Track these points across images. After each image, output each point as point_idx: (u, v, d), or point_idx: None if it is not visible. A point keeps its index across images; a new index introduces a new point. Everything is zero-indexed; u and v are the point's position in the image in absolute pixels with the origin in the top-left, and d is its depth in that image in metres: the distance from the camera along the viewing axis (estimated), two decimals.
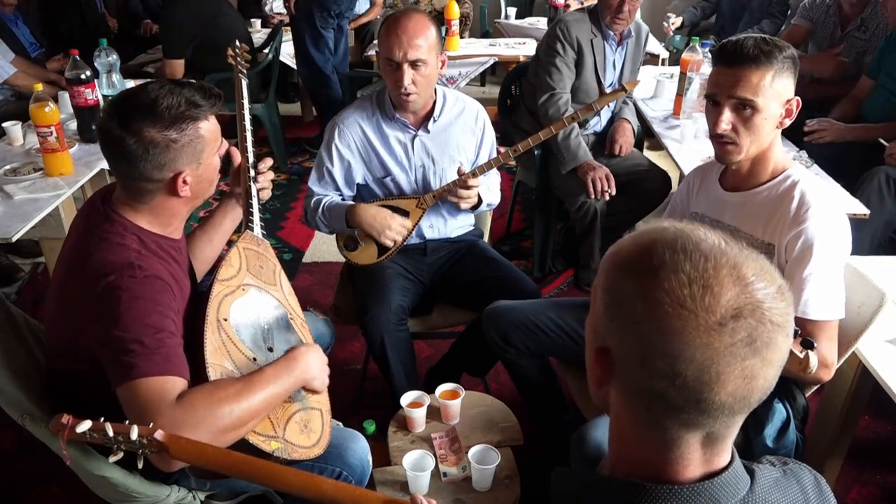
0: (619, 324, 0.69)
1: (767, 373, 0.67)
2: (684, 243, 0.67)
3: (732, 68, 1.45)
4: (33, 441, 1.34)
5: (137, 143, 1.25)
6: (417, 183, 2.11)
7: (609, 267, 0.73)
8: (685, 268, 0.65)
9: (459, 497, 1.60)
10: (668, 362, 0.65)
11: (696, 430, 0.69)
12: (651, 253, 0.68)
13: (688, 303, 0.64)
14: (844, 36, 3.33)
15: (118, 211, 1.34)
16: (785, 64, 1.44)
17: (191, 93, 1.30)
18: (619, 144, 2.88)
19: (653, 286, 0.66)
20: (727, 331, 0.64)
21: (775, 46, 1.44)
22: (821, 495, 0.81)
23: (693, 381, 0.65)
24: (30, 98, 2.30)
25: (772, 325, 0.65)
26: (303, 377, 1.34)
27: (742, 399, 0.67)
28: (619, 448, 0.76)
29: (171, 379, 1.18)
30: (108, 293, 1.21)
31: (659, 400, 0.67)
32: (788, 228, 1.48)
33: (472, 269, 2.14)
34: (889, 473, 2.13)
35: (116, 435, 1.07)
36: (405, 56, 1.87)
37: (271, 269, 1.57)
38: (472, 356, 2.23)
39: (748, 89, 1.44)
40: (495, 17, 5.39)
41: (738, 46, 1.45)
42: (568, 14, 2.88)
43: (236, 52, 1.84)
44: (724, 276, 0.65)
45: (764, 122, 1.47)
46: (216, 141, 1.37)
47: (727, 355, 0.64)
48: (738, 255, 0.67)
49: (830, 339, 1.48)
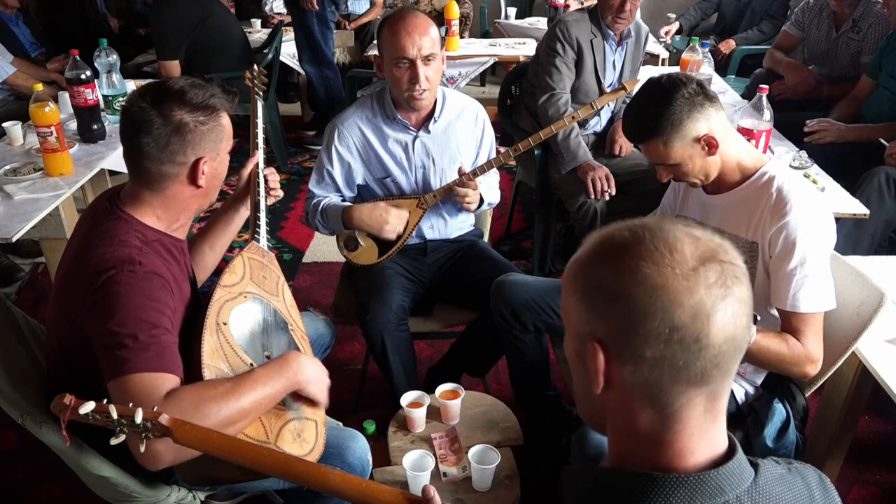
0: (604, 307, 0.73)
1: (742, 312, 0.72)
2: (631, 225, 0.75)
3: (640, 145, 1.58)
4: (33, 441, 1.34)
5: (167, 122, 1.31)
6: (417, 183, 2.11)
7: (575, 271, 0.77)
8: (645, 238, 0.72)
9: (459, 497, 1.60)
10: (662, 317, 0.69)
11: (701, 385, 0.71)
12: (609, 240, 0.75)
13: (661, 260, 0.70)
14: (839, 37, 3.33)
15: (124, 208, 1.35)
16: (672, 120, 1.47)
17: (212, 88, 1.38)
18: (619, 144, 2.88)
19: (625, 258, 0.72)
20: (702, 273, 0.70)
21: (655, 115, 1.48)
22: (826, 493, 0.81)
23: (690, 329, 0.69)
24: (30, 98, 2.31)
25: (731, 265, 0.72)
26: (295, 379, 1.31)
27: (732, 339, 0.71)
28: (623, 443, 0.77)
29: (162, 376, 1.18)
30: (107, 288, 1.21)
31: (662, 363, 0.70)
32: (770, 224, 1.48)
33: (472, 269, 2.14)
34: (889, 473, 2.13)
35: (120, 417, 1.03)
36: (420, 52, 1.87)
37: (274, 280, 1.58)
38: (472, 356, 2.23)
39: (654, 158, 1.56)
40: (495, 17, 5.39)
41: (624, 127, 1.60)
42: (568, 14, 2.88)
43: (254, 75, 1.86)
44: (678, 237, 0.72)
45: (691, 167, 1.54)
46: (230, 138, 1.44)
47: (711, 295, 0.69)
48: (675, 223, 0.74)
49: (816, 333, 1.48)
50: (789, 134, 2.72)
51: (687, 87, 1.48)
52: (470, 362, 2.25)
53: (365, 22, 5.11)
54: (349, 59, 5.03)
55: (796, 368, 1.48)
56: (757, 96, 2.25)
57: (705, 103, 1.49)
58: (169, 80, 1.37)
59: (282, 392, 1.29)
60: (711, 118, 1.49)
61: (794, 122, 2.85)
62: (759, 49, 4.28)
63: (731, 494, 0.72)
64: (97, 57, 2.88)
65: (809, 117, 2.88)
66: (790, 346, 1.46)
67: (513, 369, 2.06)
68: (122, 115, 1.36)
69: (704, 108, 1.48)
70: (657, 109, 1.48)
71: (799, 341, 1.47)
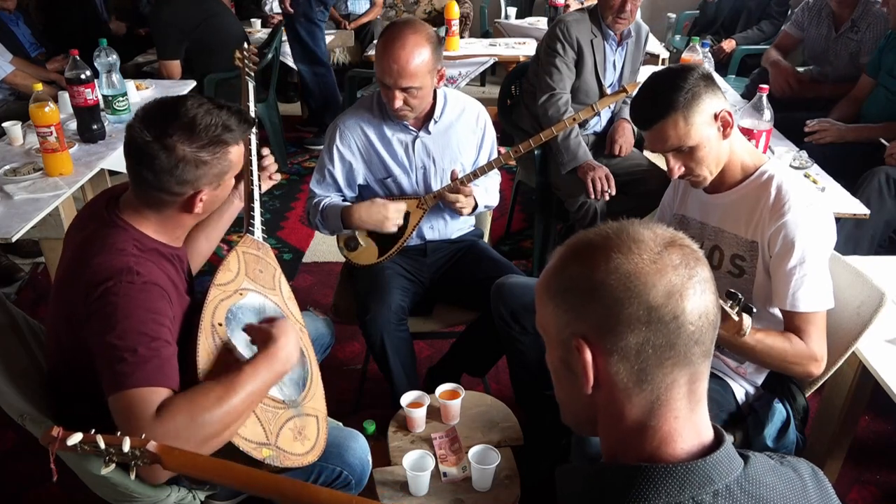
0: (581, 304, 0.75)
1: (709, 290, 0.76)
2: (592, 230, 0.79)
3: (649, 131, 1.50)
4: (33, 441, 1.33)
5: (169, 157, 1.25)
6: (418, 184, 2.11)
7: (545, 284, 0.80)
8: (610, 235, 0.76)
9: (459, 497, 1.60)
10: (639, 303, 0.72)
11: (682, 368, 0.74)
12: (577, 245, 0.79)
13: (627, 250, 0.74)
14: (838, 37, 3.33)
15: (123, 216, 1.34)
16: (691, 93, 1.45)
17: (227, 116, 1.30)
18: (618, 144, 2.88)
19: (595, 256, 0.75)
20: (667, 256, 0.74)
21: (672, 88, 1.45)
22: (819, 484, 0.81)
23: (666, 308, 0.72)
24: (30, 98, 2.31)
25: (690, 249, 0.76)
26: (284, 369, 1.31)
27: (706, 316, 0.74)
28: (613, 437, 0.78)
29: (158, 390, 1.17)
30: (106, 299, 1.20)
31: (645, 348, 0.73)
32: (769, 223, 1.48)
33: (472, 269, 2.14)
34: (889, 473, 2.13)
35: (108, 447, 1.04)
36: (397, 83, 1.87)
37: (271, 273, 1.57)
38: (472, 356, 2.23)
39: (672, 140, 1.48)
40: (495, 17, 5.39)
41: (639, 112, 1.52)
42: (568, 14, 2.88)
43: (244, 55, 1.84)
44: (637, 230, 0.77)
45: (708, 151, 1.50)
46: (240, 165, 1.38)
47: (680, 276, 0.73)
48: (634, 220, 0.79)
49: (819, 331, 1.48)
50: (789, 134, 2.72)
51: (698, 70, 1.48)
52: (470, 362, 2.25)
53: (365, 22, 5.11)
54: (349, 59, 5.03)
55: (800, 367, 1.48)
56: (757, 96, 2.25)
57: (716, 86, 1.48)
58: (180, 104, 1.27)
59: (271, 384, 1.29)
60: (722, 101, 1.49)
61: (794, 122, 2.85)
62: (759, 49, 4.27)
63: (721, 483, 0.73)
64: (97, 57, 2.88)
65: (809, 117, 2.88)
66: (793, 345, 1.46)
67: (513, 369, 2.06)
68: (126, 134, 1.29)
69: (717, 90, 1.48)
70: (674, 84, 1.45)
71: (802, 340, 1.47)
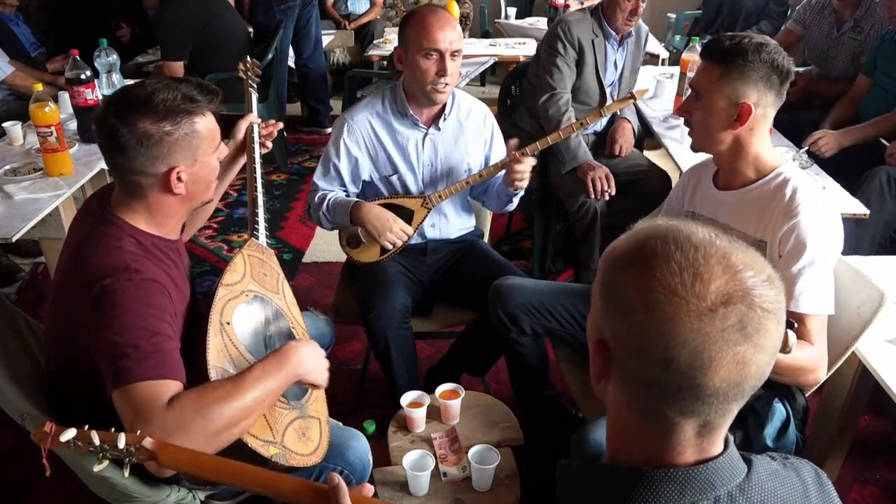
0: (615, 315, 0.72)
1: (760, 359, 0.69)
2: (675, 236, 0.70)
3: (703, 59, 1.54)
4: (33, 441, 1.34)
5: (131, 134, 1.25)
6: (424, 182, 2.11)
7: (605, 263, 0.76)
8: (676, 257, 0.68)
9: (459, 497, 1.60)
10: (662, 348, 0.67)
11: (691, 416, 0.71)
12: (644, 246, 0.71)
13: (679, 290, 0.67)
14: (840, 36, 3.33)
15: (115, 213, 1.33)
16: (747, 66, 1.45)
17: (188, 88, 1.30)
18: (619, 144, 2.88)
19: (645, 276, 0.69)
20: (718, 316, 0.66)
21: (748, 49, 1.45)
22: (821, 488, 0.81)
23: (686, 367, 0.67)
24: (30, 98, 2.31)
25: (762, 311, 0.68)
26: (295, 371, 1.31)
27: (735, 385, 0.68)
28: (619, 439, 0.78)
29: (165, 383, 1.17)
30: (104, 297, 1.20)
31: (655, 387, 0.70)
32: (781, 224, 1.48)
33: (472, 269, 2.14)
34: (889, 473, 2.13)
35: (103, 443, 1.01)
36: (450, 45, 1.92)
37: (274, 277, 1.58)
38: (472, 356, 2.23)
39: (700, 81, 1.53)
40: (495, 17, 5.39)
41: (714, 42, 1.53)
42: (569, 14, 2.88)
43: (247, 66, 1.85)
44: (714, 264, 0.68)
45: (707, 116, 1.51)
46: (213, 140, 1.36)
47: (719, 340, 0.66)
48: (727, 245, 0.70)
49: (822, 336, 1.47)
50: (789, 134, 2.72)
51: (778, 61, 1.46)
52: (470, 362, 2.25)
53: (365, 22, 5.11)
54: (349, 59, 5.03)
55: (811, 375, 1.46)
56: None
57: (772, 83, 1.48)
58: (138, 85, 1.29)
59: (283, 386, 1.29)
60: (765, 99, 1.49)
61: (794, 121, 2.85)
62: None
63: (722, 490, 0.72)
64: (97, 57, 2.88)
65: (809, 117, 2.88)
66: (807, 352, 1.44)
67: (512, 370, 2.06)
68: (94, 125, 1.31)
69: (771, 88, 1.48)
70: (760, 49, 1.45)
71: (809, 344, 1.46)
